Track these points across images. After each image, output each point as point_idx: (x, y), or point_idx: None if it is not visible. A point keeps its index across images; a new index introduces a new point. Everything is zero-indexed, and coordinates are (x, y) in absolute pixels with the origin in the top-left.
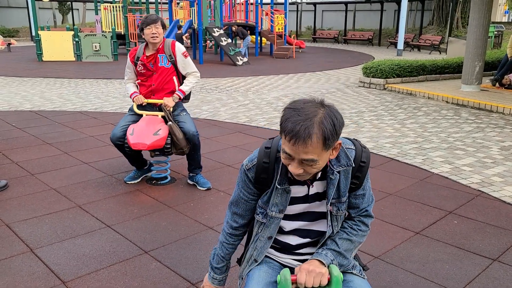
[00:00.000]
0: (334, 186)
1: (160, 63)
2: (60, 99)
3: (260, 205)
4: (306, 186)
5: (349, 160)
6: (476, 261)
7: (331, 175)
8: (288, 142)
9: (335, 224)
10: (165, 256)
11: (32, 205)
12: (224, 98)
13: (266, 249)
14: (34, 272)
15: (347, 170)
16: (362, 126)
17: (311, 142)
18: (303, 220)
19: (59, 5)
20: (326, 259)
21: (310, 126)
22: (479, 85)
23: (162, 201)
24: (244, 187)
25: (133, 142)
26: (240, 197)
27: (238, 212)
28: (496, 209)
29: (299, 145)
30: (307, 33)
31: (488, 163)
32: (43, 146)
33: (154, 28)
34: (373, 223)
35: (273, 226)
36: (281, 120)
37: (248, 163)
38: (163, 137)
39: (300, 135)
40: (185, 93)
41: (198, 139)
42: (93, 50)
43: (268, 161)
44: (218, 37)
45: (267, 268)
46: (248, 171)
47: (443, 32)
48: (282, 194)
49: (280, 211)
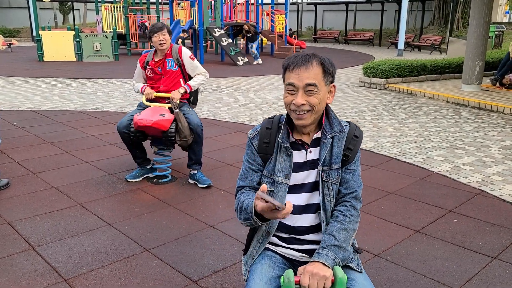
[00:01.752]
0: (327, 149)
1: (168, 66)
2: (61, 98)
3: (266, 174)
4: (305, 151)
5: (341, 127)
6: (475, 259)
7: (324, 139)
8: (291, 72)
9: (327, 193)
10: (166, 254)
11: (34, 204)
12: (225, 97)
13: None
14: (35, 269)
15: (340, 138)
16: (363, 125)
17: (312, 66)
18: (303, 191)
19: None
20: (328, 259)
21: (310, 56)
22: (479, 85)
23: (163, 200)
24: (251, 156)
25: (139, 118)
26: (248, 168)
27: (246, 184)
28: (496, 207)
29: (301, 70)
30: (308, 33)
31: (488, 162)
32: (44, 145)
33: (161, 36)
34: (373, 221)
35: (281, 193)
36: (284, 63)
37: (252, 132)
38: (169, 120)
39: (302, 60)
40: (192, 87)
41: (201, 131)
42: (94, 50)
43: (270, 127)
44: (219, 37)
45: (269, 262)
46: (253, 139)
47: (443, 32)
48: (286, 159)
49: (285, 177)
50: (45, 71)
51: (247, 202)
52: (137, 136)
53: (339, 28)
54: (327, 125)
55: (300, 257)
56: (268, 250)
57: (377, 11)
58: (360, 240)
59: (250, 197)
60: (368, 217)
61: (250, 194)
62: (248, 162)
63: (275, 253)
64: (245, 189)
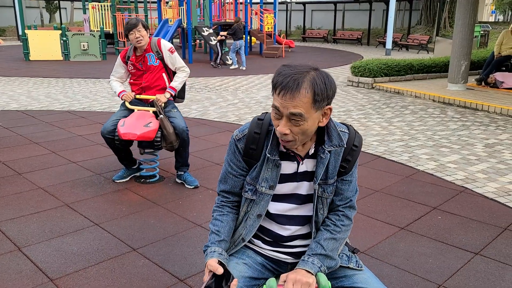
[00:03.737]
0: (324, 166)
1: (149, 62)
2: (47, 98)
3: (249, 182)
4: (296, 162)
5: (341, 141)
6: (458, 255)
7: (322, 154)
8: (277, 95)
9: (320, 207)
10: (153, 253)
11: (20, 204)
12: (214, 97)
13: (255, 227)
14: (21, 270)
15: (338, 151)
16: (350, 124)
17: (299, 94)
18: (290, 202)
19: (47, 4)
20: (313, 267)
21: (300, 79)
22: (465, 84)
23: (150, 199)
24: (233, 159)
25: (123, 132)
26: (228, 171)
27: (227, 188)
28: (479, 204)
29: (287, 97)
30: (296, 32)
31: (472, 160)
32: (31, 146)
33: (136, 33)
34: (359, 219)
35: (263, 203)
36: (273, 76)
37: (238, 133)
38: (154, 129)
39: (289, 86)
40: (176, 89)
41: (187, 135)
42: (81, 50)
43: (259, 132)
44: (208, 36)
45: (248, 260)
46: (238, 142)
47: (431, 31)
48: (273, 169)
49: (270, 187)
50: (31, 71)
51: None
52: (121, 142)
53: (328, 28)
54: (326, 138)
55: (286, 258)
56: (250, 249)
57: (365, 11)
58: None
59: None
60: (354, 215)
61: (222, 216)
62: (228, 165)
63: (257, 253)
64: (222, 201)
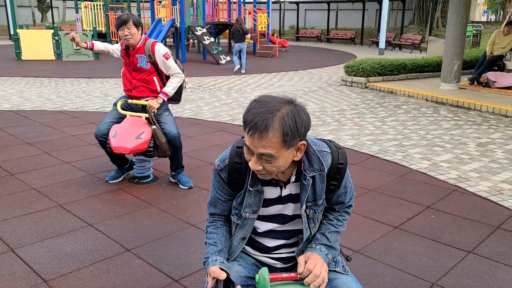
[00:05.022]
0: (307, 192)
1: (139, 63)
2: (40, 98)
3: (235, 206)
4: (279, 187)
5: (321, 165)
6: (452, 254)
7: (304, 181)
8: (247, 134)
9: (312, 226)
10: (147, 254)
11: (12, 205)
12: (207, 97)
13: (239, 249)
14: (15, 271)
15: (322, 174)
16: (344, 124)
17: (267, 135)
18: (277, 222)
19: (39, 3)
20: (321, 254)
21: (269, 119)
22: (457, 83)
23: (144, 200)
24: (219, 187)
25: (115, 145)
26: (216, 197)
27: (217, 212)
28: (472, 203)
29: (255, 137)
30: (290, 32)
31: (465, 159)
32: (23, 146)
33: (126, 30)
34: (353, 218)
35: (247, 227)
36: (244, 112)
37: (220, 164)
38: (146, 141)
39: (258, 127)
40: (168, 95)
41: (179, 141)
42: (73, 49)
43: (239, 161)
44: (201, 36)
45: (241, 261)
46: (221, 172)
47: (423, 31)
48: (255, 195)
49: (253, 212)
50: (24, 70)
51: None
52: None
53: (321, 27)
54: (306, 163)
55: (275, 264)
56: (242, 252)
57: (358, 10)
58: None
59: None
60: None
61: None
62: (216, 191)
63: (248, 255)
64: (213, 218)
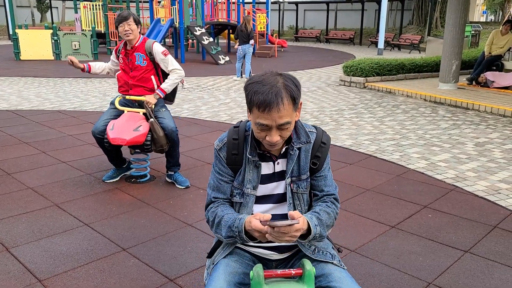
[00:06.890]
0: (293, 161)
1: (137, 61)
2: (38, 98)
3: (236, 186)
4: (272, 163)
5: (308, 137)
6: (448, 253)
7: (291, 151)
8: (262, 113)
9: (298, 204)
10: (143, 253)
11: (8, 205)
12: (206, 96)
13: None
14: (9, 271)
15: (307, 148)
16: (342, 123)
17: (283, 105)
18: (269, 203)
19: (38, 3)
20: (311, 220)
21: (278, 92)
22: (456, 83)
23: (141, 199)
24: (221, 167)
25: (112, 137)
26: (219, 179)
27: (220, 196)
28: (469, 203)
29: (272, 112)
30: (289, 32)
31: (462, 158)
32: (20, 146)
33: (126, 26)
34: (350, 217)
35: (250, 204)
36: (249, 96)
37: (218, 143)
38: (143, 134)
39: (273, 101)
40: (165, 91)
41: (177, 136)
42: (72, 49)
43: (237, 137)
44: (200, 36)
45: (237, 258)
46: (220, 151)
47: (422, 31)
48: (253, 170)
49: (253, 188)
50: (22, 70)
51: (229, 218)
52: (111, 145)
53: (321, 27)
54: (294, 136)
55: (271, 255)
56: (237, 248)
57: (357, 11)
58: (337, 236)
59: (230, 213)
60: (345, 214)
61: (227, 208)
62: (218, 173)
63: (243, 251)
64: (219, 202)
